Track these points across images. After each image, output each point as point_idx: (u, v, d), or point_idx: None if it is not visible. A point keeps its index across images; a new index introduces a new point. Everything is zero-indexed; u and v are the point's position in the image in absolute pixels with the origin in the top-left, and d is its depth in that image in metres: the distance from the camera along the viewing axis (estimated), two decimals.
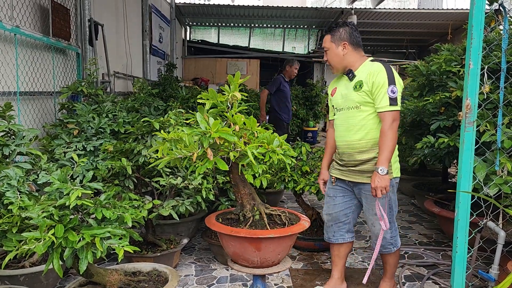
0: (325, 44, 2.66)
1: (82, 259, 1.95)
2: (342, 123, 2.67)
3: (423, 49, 14.28)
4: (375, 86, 2.48)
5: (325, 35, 2.68)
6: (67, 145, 3.36)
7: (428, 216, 4.81)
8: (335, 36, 2.62)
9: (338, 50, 2.62)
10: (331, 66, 2.71)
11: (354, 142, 2.59)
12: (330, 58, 2.66)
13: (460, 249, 2.30)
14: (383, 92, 2.45)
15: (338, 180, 2.79)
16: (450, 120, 3.24)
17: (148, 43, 7.66)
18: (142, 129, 2.93)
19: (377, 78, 2.47)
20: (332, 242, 2.88)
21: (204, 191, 2.93)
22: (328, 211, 2.86)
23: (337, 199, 2.79)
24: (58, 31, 4.21)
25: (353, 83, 2.59)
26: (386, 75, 2.46)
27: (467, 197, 2.26)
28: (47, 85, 4.02)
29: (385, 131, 2.44)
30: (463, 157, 2.26)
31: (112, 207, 2.16)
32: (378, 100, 2.48)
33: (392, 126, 2.44)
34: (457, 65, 3.28)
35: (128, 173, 2.89)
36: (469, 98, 2.24)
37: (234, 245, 2.17)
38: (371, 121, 2.55)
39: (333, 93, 2.77)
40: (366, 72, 2.54)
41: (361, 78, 2.56)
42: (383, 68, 2.50)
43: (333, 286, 2.91)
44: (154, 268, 2.61)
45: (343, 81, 2.71)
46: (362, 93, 2.53)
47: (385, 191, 2.44)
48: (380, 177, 2.41)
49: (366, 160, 2.58)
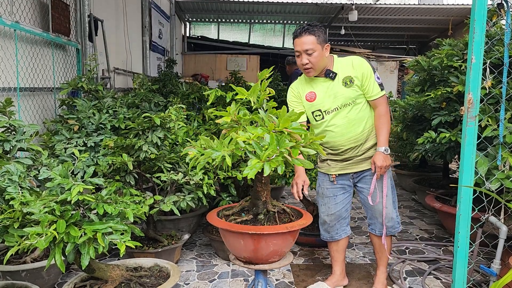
0: (311, 46, 2.51)
1: (84, 255, 1.95)
2: (340, 122, 2.62)
3: (423, 45, 14.25)
4: (365, 77, 2.57)
5: (304, 35, 2.52)
6: (68, 141, 3.36)
7: (429, 211, 4.81)
8: (320, 37, 2.53)
9: (323, 51, 2.56)
10: (311, 69, 2.57)
11: (358, 135, 2.64)
12: (316, 60, 2.53)
13: (462, 244, 2.30)
14: (373, 80, 2.59)
15: (339, 176, 2.77)
16: (452, 115, 3.23)
17: (148, 39, 7.64)
18: (143, 124, 2.92)
19: (364, 69, 2.58)
20: (335, 239, 2.86)
21: (205, 186, 2.93)
22: (330, 212, 2.81)
23: (337, 197, 2.79)
24: (58, 27, 4.19)
25: (339, 80, 2.60)
26: (369, 64, 2.61)
27: (469, 192, 2.25)
28: (47, 81, 4.01)
29: (383, 114, 2.61)
30: (465, 152, 2.25)
31: (114, 203, 2.16)
32: (370, 89, 2.59)
33: (388, 109, 2.65)
34: (458, 60, 3.27)
35: (129, 168, 2.89)
36: (471, 93, 2.23)
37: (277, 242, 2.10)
38: (365, 110, 2.65)
39: (311, 98, 2.66)
40: (349, 67, 2.60)
41: (347, 73, 2.59)
42: (362, 58, 2.63)
43: (335, 282, 2.91)
44: (156, 264, 2.61)
45: (320, 83, 2.64)
46: (355, 87, 2.59)
47: (386, 170, 2.61)
48: (385, 156, 2.57)
49: (370, 147, 2.69)
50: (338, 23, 11.97)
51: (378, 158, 2.57)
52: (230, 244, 2.19)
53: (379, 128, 2.63)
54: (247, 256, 2.14)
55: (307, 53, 2.52)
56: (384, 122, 2.61)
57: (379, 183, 2.68)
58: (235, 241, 2.13)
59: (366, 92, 2.61)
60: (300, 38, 2.54)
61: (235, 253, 2.22)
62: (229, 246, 2.23)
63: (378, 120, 2.63)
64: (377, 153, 2.60)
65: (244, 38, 13.20)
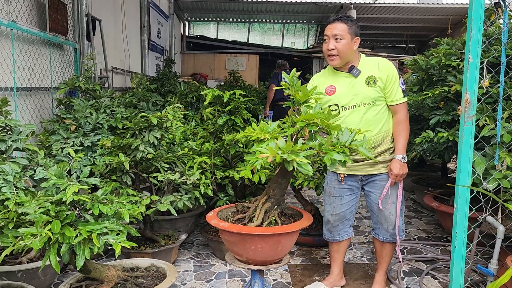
0: (341, 32, 2.51)
1: (79, 255, 1.94)
2: (356, 120, 2.58)
3: (423, 44, 14.24)
4: (389, 80, 2.55)
5: (336, 22, 2.54)
6: (65, 140, 3.34)
7: (427, 211, 4.81)
8: (352, 28, 2.54)
9: (352, 43, 2.55)
10: (336, 57, 2.55)
11: (372, 137, 2.57)
12: (343, 48, 2.52)
13: (459, 244, 2.29)
14: (397, 85, 2.56)
15: (348, 176, 2.74)
16: (450, 115, 3.22)
17: (146, 39, 7.62)
18: (140, 124, 2.91)
19: (391, 72, 2.55)
20: (337, 240, 2.85)
21: (202, 186, 2.92)
22: (334, 211, 2.79)
23: (344, 198, 2.76)
24: (55, 26, 4.18)
25: (362, 79, 2.57)
26: (395, 68, 2.58)
27: (466, 192, 2.25)
28: (44, 81, 4.00)
29: (402, 121, 2.59)
30: (462, 151, 2.24)
31: (109, 203, 2.15)
32: (393, 93, 2.57)
33: (407, 116, 2.62)
34: (456, 59, 3.26)
35: (125, 168, 2.88)
36: (468, 92, 2.22)
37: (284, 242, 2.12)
38: (383, 114, 2.61)
39: (331, 91, 2.64)
40: (375, 67, 2.57)
41: (371, 73, 2.57)
42: (390, 62, 2.60)
43: (333, 282, 2.91)
44: (152, 264, 2.61)
45: (342, 78, 2.63)
46: (378, 88, 2.56)
47: (404, 177, 2.61)
48: (402, 164, 2.57)
49: (382, 152, 2.64)
50: None
51: (395, 166, 2.56)
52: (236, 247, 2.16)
53: (397, 135, 2.60)
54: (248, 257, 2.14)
55: (335, 38, 2.53)
56: (402, 129, 2.59)
57: (392, 189, 2.65)
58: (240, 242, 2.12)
59: (388, 96, 2.58)
60: (332, 24, 2.56)
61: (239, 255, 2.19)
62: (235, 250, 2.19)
63: (397, 127, 2.61)
64: (394, 161, 2.58)
65: (243, 38, 13.19)
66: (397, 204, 2.66)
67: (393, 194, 2.66)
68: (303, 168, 1.82)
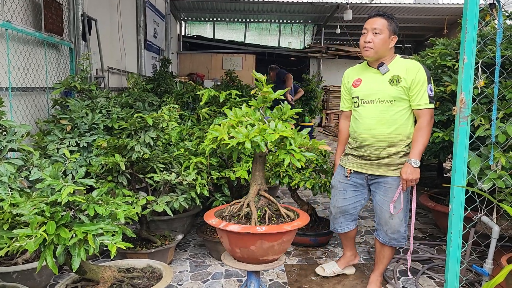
0: (380, 26, 2.55)
1: (75, 256, 1.94)
2: (371, 116, 2.61)
3: (419, 44, 14.29)
4: (414, 83, 2.52)
5: (377, 17, 2.59)
6: (60, 141, 3.34)
7: (423, 210, 4.82)
8: (391, 25, 2.58)
9: (388, 39, 2.58)
10: (369, 50, 2.58)
11: (383, 136, 2.58)
12: (379, 42, 2.55)
13: (454, 244, 2.30)
14: (423, 89, 2.52)
15: (354, 173, 2.77)
16: (445, 115, 3.23)
17: (142, 38, 7.61)
18: (136, 124, 2.91)
19: (417, 76, 2.51)
20: (338, 231, 2.99)
21: (198, 186, 2.92)
22: (337, 204, 2.89)
23: (347, 193, 2.83)
24: (50, 26, 4.17)
25: (387, 77, 2.59)
26: (425, 73, 2.53)
27: (462, 192, 2.25)
28: (39, 81, 3.99)
29: (424, 127, 2.53)
30: (457, 151, 2.25)
31: (105, 204, 2.14)
32: (418, 97, 2.53)
33: (430, 123, 2.55)
34: (452, 60, 3.27)
35: (121, 169, 2.87)
36: (463, 93, 2.23)
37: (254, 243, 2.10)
38: (402, 116, 2.57)
39: (356, 84, 2.71)
40: (403, 68, 2.57)
41: (397, 73, 2.57)
42: (421, 66, 2.56)
43: (346, 262, 3.09)
44: (148, 265, 2.60)
45: (369, 73, 2.68)
46: (400, 88, 2.55)
47: (414, 183, 2.56)
48: (413, 169, 2.51)
49: (391, 154, 2.61)
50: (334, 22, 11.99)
51: (405, 171, 2.52)
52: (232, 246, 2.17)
53: (415, 140, 2.56)
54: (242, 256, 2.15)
55: (374, 32, 2.56)
56: (422, 135, 2.53)
57: (401, 196, 2.63)
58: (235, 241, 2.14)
59: (412, 99, 2.55)
60: (373, 18, 2.60)
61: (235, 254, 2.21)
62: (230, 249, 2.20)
63: (417, 132, 2.56)
64: (406, 165, 2.54)
65: (239, 37, 13.20)
66: (403, 210, 2.65)
67: (397, 200, 2.64)
68: None
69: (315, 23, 12.97)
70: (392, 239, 2.72)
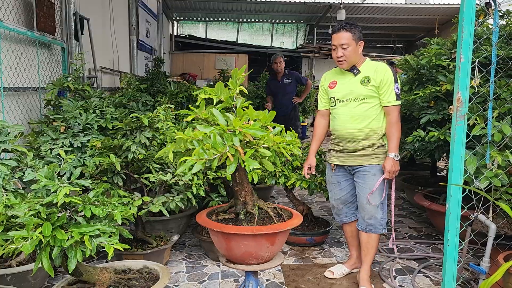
0: (346, 41, 2.77)
1: (71, 258, 1.91)
2: (345, 113, 2.87)
3: (410, 44, 14.37)
4: (383, 83, 2.77)
5: (341, 31, 2.78)
6: (54, 141, 3.29)
7: (417, 209, 4.84)
8: (355, 34, 2.79)
9: (357, 48, 2.80)
10: (342, 62, 2.81)
11: (358, 130, 2.84)
12: (350, 54, 2.78)
13: (452, 242, 2.31)
14: (391, 88, 2.78)
15: (338, 166, 3.01)
16: (440, 114, 3.25)
17: (135, 38, 7.55)
18: (131, 124, 2.88)
19: (385, 76, 2.77)
20: (346, 222, 3.09)
21: (194, 187, 2.90)
22: (336, 197, 3.06)
23: (341, 183, 3.01)
24: (42, 25, 4.11)
25: (359, 78, 2.84)
26: (392, 74, 2.80)
27: (458, 190, 2.26)
28: (32, 81, 3.94)
29: (394, 123, 2.79)
30: (454, 150, 2.25)
31: (101, 204, 2.12)
32: (386, 96, 2.79)
33: (398, 118, 2.82)
34: (446, 59, 3.28)
35: (116, 169, 2.84)
36: (460, 92, 2.23)
37: (248, 244, 2.08)
38: (373, 112, 2.82)
39: (332, 85, 2.96)
40: (372, 70, 2.82)
41: (367, 74, 2.82)
42: (388, 67, 2.83)
43: (353, 265, 3.15)
44: (145, 266, 2.58)
45: (344, 75, 2.91)
46: (370, 87, 2.80)
47: (395, 175, 2.82)
48: (395, 162, 2.78)
49: (367, 146, 2.85)
50: (326, 22, 12.01)
51: (388, 163, 2.78)
52: (214, 242, 2.24)
53: (390, 135, 2.82)
54: (224, 254, 2.21)
55: (342, 47, 2.78)
56: (395, 130, 2.80)
57: (372, 183, 2.83)
58: (214, 238, 2.20)
59: (382, 97, 2.80)
60: (338, 34, 2.80)
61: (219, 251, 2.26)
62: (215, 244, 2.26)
63: (389, 128, 2.82)
64: (387, 159, 2.79)
65: (232, 37, 13.17)
66: (380, 197, 2.84)
67: (374, 187, 2.83)
68: None
69: (308, 23, 12.98)
70: (369, 225, 2.88)
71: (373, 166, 2.85)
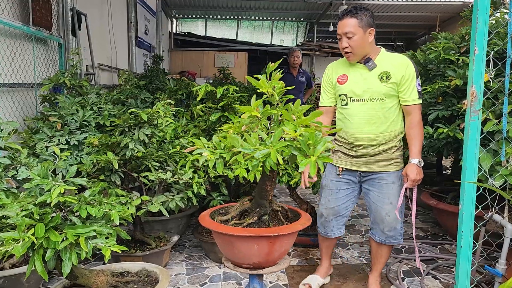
0: (351, 29, 2.40)
1: (66, 261, 1.80)
2: (361, 115, 2.52)
3: (411, 42, 14.25)
4: (404, 79, 2.44)
5: (346, 18, 2.43)
6: (49, 139, 3.19)
7: (423, 208, 4.74)
8: (362, 20, 2.41)
9: (365, 36, 2.43)
10: (349, 54, 2.47)
11: (376, 134, 2.51)
12: (356, 44, 2.42)
13: (465, 244, 2.20)
14: (413, 85, 2.45)
15: (347, 170, 2.66)
16: (449, 110, 3.14)
17: (133, 35, 7.44)
18: (129, 121, 2.77)
19: (407, 71, 2.43)
20: (329, 237, 2.78)
21: (195, 186, 2.79)
22: (329, 205, 2.71)
23: (340, 192, 2.68)
24: (39, 20, 4.00)
25: (376, 73, 2.48)
26: (414, 69, 2.46)
27: (473, 189, 2.16)
28: (27, 77, 3.83)
29: (417, 124, 2.48)
30: (468, 147, 2.15)
31: (98, 204, 2.01)
32: (407, 93, 2.45)
33: (421, 118, 2.51)
34: (455, 54, 3.18)
35: (114, 167, 2.73)
36: (474, 86, 2.13)
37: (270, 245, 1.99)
38: (392, 113, 2.50)
39: (342, 81, 2.57)
40: (392, 64, 2.47)
41: (386, 69, 2.47)
42: (409, 61, 2.48)
43: (326, 273, 2.93)
44: (144, 268, 2.47)
45: (356, 69, 2.54)
46: (390, 85, 2.45)
47: (419, 182, 2.49)
48: (419, 169, 2.45)
49: (385, 150, 2.53)
50: (326, 20, 11.90)
51: (411, 171, 2.44)
52: (239, 251, 2.01)
53: (412, 138, 2.49)
54: (259, 261, 2.03)
55: (347, 36, 2.42)
56: (418, 132, 2.49)
57: (395, 191, 2.55)
58: (248, 247, 1.98)
59: (402, 95, 2.47)
60: (342, 21, 2.45)
61: (242, 260, 2.06)
62: (234, 253, 2.04)
63: (411, 129, 2.50)
64: (410, 165, 2.45)
65: (232, 35, 13.05)
66: (398, 205, 2.56)
67: (394, 196, 2.56)
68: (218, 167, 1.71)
69: (308, 20, 12.86)
70: (389, 237, 2.63)
71: (390, 173, 2.53)
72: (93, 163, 2.85)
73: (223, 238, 2.03)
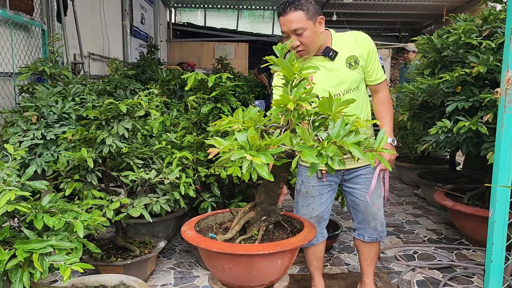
0: (300, 24, 2.01)
1: (16, 283, 1.48)
2: None
3: (416, 32, 13.83)
4: (370, 57, 2.19)
5: (289, 12, 2.02)
6: (24, 133, 2.87)
7: (434, 208, 4.40)
8: (309, 11, 2.03)
9: (316, 27, 2.07)
10: (303, 52, 2.10)
11: None
12: (309, 40, 2.06)
13: (496, 257, 1.88)
14: (377, 61, 2.24)
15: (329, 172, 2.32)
16: (470, 101, 2.79)
17: (128, 24, 7.12)
18: (107, 113, 2.43)
19: (371, 48, 2.18)
20: (313, 244, 2.47)
21: (182, 186, 2.46)
22: (313, 214, 2.36)
23: (323, 196, 2.36)
24: (17, 3, 3.67)
25: (341, 61, 2.15)
26: (373, 42, 2.23)
27: (506, 194, 1.83)
28: (4, 65, 3.50)
29: (386, 100, 2.31)
30: (501, 144, 1.82)
31: (59, 213, 1.68)
32: (375, 72, 2.23)
33: (389, 94, 2.34)
34: (477, 37, 2.82)
35: (89, 166, 2.39)
36: (510, 70, 1.79)
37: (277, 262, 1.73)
38: (364, 97, 2.28)
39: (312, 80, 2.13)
40: (352, 44, 2.16)
41: (350, 53, 2.16)
42: (367, 35, 2.22)
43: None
44: (121, 282, 2.16)
45: (316, 63, 2.14)
46: (360, 69, 2.19)
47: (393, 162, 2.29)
48: (392, 147, 2.23)
49: None
50: (330, 9, 11.51)
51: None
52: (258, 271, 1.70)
53: (383, 116, 2.29)
54: (276, 278, 1.80)
55: (296, 33, 2.04)
56: (388, 108, 2.31)
57: (377, 182, 2.30)
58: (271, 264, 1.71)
59: (369, 75, 2.22)
60: (286, 16, 2.03)
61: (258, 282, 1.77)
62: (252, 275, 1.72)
63: (381, 107, 2.31)
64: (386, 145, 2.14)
65: (232, 25, 12.67)
66: (385, 197, 2.41)
67: (377, 187, 2.32)
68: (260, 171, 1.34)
69: None
70: (380, 233, 2.43)
71: None
72: (68, 160, 2.53)
73: (238, 260, 1.69)
